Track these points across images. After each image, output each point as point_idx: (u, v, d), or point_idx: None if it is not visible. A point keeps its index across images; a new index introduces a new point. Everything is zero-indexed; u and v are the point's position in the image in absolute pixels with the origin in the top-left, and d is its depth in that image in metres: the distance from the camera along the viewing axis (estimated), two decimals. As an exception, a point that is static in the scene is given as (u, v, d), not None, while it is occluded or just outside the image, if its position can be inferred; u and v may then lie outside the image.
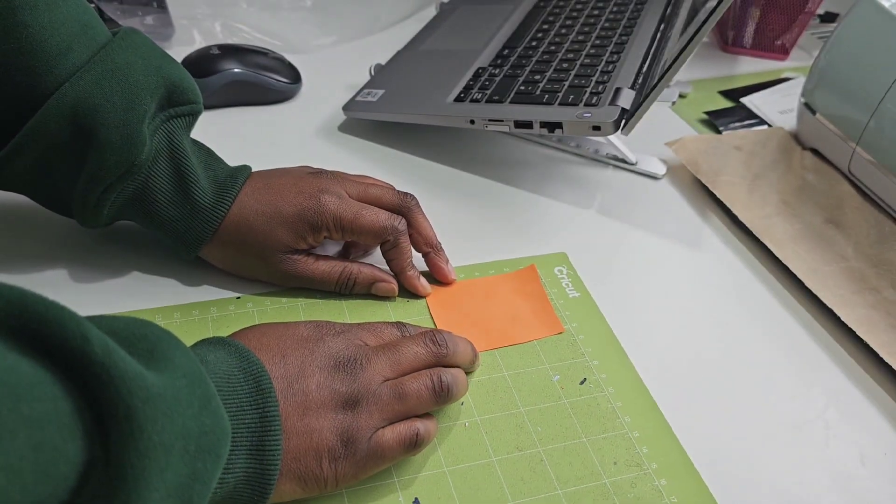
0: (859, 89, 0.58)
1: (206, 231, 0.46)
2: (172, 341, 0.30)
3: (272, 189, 0.47)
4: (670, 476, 0.40)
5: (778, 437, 0.43)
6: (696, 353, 0.48)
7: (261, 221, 0.46)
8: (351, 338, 0.39)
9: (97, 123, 0.42)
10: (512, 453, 0.41)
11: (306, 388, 0.36)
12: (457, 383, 0.40)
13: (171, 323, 0.45)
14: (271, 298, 0.48)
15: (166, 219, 0.45)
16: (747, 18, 0.81)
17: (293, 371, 0.36)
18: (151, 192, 0.44)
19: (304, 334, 0.38)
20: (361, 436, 0.36)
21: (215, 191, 0.46)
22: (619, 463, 0.40)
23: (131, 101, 0.42)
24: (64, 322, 0.25)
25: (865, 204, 0.59)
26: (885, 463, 0.42)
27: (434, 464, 0.40)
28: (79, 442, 0.24)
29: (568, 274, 0.52)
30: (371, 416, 0.37)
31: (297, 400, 0.35)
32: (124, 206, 0.45)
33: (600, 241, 0.56)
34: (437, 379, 0.39)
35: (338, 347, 0.38)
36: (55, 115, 0.41)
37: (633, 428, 0.42)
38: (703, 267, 0.55)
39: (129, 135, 0.42)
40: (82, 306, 0.45)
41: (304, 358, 0.37)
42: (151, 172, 0.44)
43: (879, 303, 0.51)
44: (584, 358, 0.46)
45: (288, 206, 0.46)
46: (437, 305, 0.49)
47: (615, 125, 0.55)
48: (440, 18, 0.82)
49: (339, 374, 0.37)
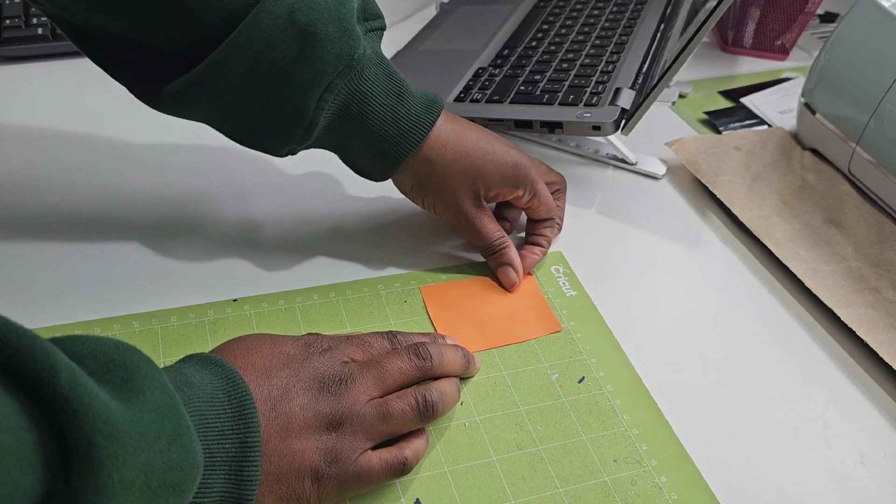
0: (859, 89, 0.58)
1: (416, 139, 0.47)
2: (149, 371, 0.30)
3: (477, 128, 0.50)
4: (670, 473, 0.40)
5: (778, 437, 0.43)
6: (696, 352, 0.48)
7: (469, 144, 0.48)
8: (338, 355, 0.39)
9: (314, 19, 0.42)
10: (512, 452, 0.41)
11: (290, 409, 0.36)
12: (443, 399, 0.40)
13: (169, 326, 0.45)
14: (268, 301, 0.48)
15: (378, 123, 0.46)
16: (747, 18, 0.81)
17: (277, 393, 0.36)
18: (363, 95, 0.45)
19: (291, 353, 0.38)
20: (346, 457, 0.36)
21: (422, 100, 0.47)
22: (619, 460, 0.41)
23: (340, 0, 0.43)
24: (34, 352, 0.24)
25: (865, 204, 0.59)
26: (885, 463, 0.42)
27: (435, 464, 0.40)
28: (38, 475, 0.24)
29: (564, 273, 0.53)
30: (356, 436, 0.37)
31: (280, 422, 0.35)
32: (338, 113, 0.45)
33: (600, 240, 0.56)
34: (422, 398, 0.39)
35: (324, 367, 0.38)
36: (271, 14, 0.41)
37: (633, 425, 0.43)
38: (702, 266, 0.55)
39: (346, 28, 0.43)
40: (77, 310, 0.45)
41: (289, 379, 0.37)
42: (364, 74, 0.45)
43: (879, 302, 0.51)
44: (581, 356, 0.46)
45: (500, 147, 0.49)
46: (434, 307, 0.49)
47: (615, 125, 0.55)
48: (440, 19, 0.82)
49: (324, 394, 0.37)
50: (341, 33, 0.43)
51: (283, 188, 0.58)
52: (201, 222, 0.54)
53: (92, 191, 0.56)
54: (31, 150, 0.60)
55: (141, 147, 0.61)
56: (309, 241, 0.53)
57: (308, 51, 0.42)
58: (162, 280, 0.49)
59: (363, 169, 0.49)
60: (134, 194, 0.56)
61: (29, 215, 0.53)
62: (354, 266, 0.51)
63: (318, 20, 0.42)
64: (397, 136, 0.46)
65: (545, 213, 0.52)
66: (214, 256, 0.51)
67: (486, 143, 0.49)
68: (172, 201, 0.55)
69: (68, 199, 0.55)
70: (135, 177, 0.58)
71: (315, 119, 0.44)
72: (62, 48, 0.72)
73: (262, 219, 0.55)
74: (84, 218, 0.53)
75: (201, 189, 0.57)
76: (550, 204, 0.51)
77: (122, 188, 0.56)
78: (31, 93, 0.68)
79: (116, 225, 0.53)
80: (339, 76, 0.43)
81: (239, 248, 0.52)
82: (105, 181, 0.57)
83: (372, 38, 0.46)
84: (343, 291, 0.49)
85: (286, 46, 0.42)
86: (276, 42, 0.42)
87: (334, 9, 0.43)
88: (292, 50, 0.42)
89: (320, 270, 0.51)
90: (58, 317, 0.45)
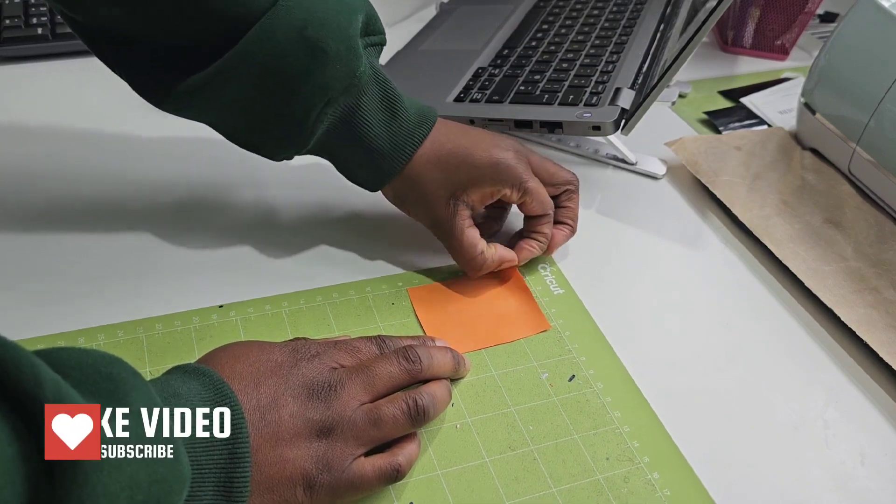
0: (859, 89, 0.58)
1: (407, 151, 0.47)
2: (136, 383, 0.29)
3: (466, 132, 0.50)
4: (662, 469, 0.40)
5: (777, 437, 0.43)
6: (695, 352, 0.48)
7: (445, 152, 0.48)
8: (326, 360, 0.39)
9: (325, 35, 0.43)
10: (505, 453, 0.41)
11: (279, 418, 0.35)
12: (434, 403, 0.40)
13: (154, 335, 0.45)
14: (254, 306, 0.47)
15: (373, 137, 0.47)
16: (747, 18, 0.81)
17: (266, 401, 0.36)
18: (362, 111, 0.46)
19: (279, 360, 0.38)
20: (338, 464, 0.36)
21: (416, 115, 0.48)
22: (612, 458, 0.41)
23: (349, 18, 0.45)
24: (20, 364, 0.24)
25: (865, 204, 0.59)
26: (885, 463, 0.42)
27: (427, 467, 0.40)
28: (18, 488, 0.24)
29: (552, 271, 0.53)
30: (347, 443, 0.36)
31: (269, 431, 0.35)
32: (336, 126, 0.46)
33: (599, 240, 0.56)
34: (413, 403, 0.38)
35: (312, 374, 0.38)
36: (284, 25, 0.42)
37: (624, 423, 0.43)
38: (702, 266, 0.55)
39: (352, 48, 0.44)
40: (60, 321, 0.45)
41: (278, 387, 0.36)
42: (363, 91, 0.46)
43: (879, 302, 0.51)
44: (571, 354, 0.46)
45: (480, 149, 0.48)
46: (422, 308, 0.49)
47: (615, 125, 0.55)
48: (440, 18, 0.82)
49: (313, 401, 0.37)
50: (348, 52, 0.44)
51: (266, 194, 0.58)
52: (184, 230, 0.53)
53: (86, 197, 0.56)
54: (30, 150, 0.60)
55: (137, 151, 0.61)
56: (295, 245, 0.53)
57: (316, 66, 0.43)
58: (145, 288, 0.48)
59: (356, 178, 0.50)
60: (120, 202, 0.56)
61: (26, 218, 0.53)
62: (341, 269, 0.51)
63: (328, 37, 0.43)
64: (391, 151, 0.47)
65: (539, 210, 0.51)
66: (198, 263, 0.51)
67: (465, 148, 0.48)
68: (155, 209, 0.55)
69: (66, 203, 0.55)
70: (124, 184, 0.58)
71: (314, 130, 0.46)
72: (62, 48, 0.72)
73: (246, 225, 0.54)
74: (71, 226, 0.53)
75: (184, 196, 0.57)
76: (544, 200, 0.50)
77: (114, 195, 0.56)
78: (30, 93, 0.68)
79: (100, 234, 0.52)
80: (342, 93, 0.45)
81: (223, 254, 0.52)
82: (101, 187, 0.57)
83: (371, 53, 0.47)
84: (329, 295, 0.49)
85: (296, 59, 0.43)
86: (286, 54, 0.43)
87: (344, 27, 0.44)
88: (301, 63, 0.43)
89: (306, 274, 0.50)
90: (42, 327, 0.44)
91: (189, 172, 0.59)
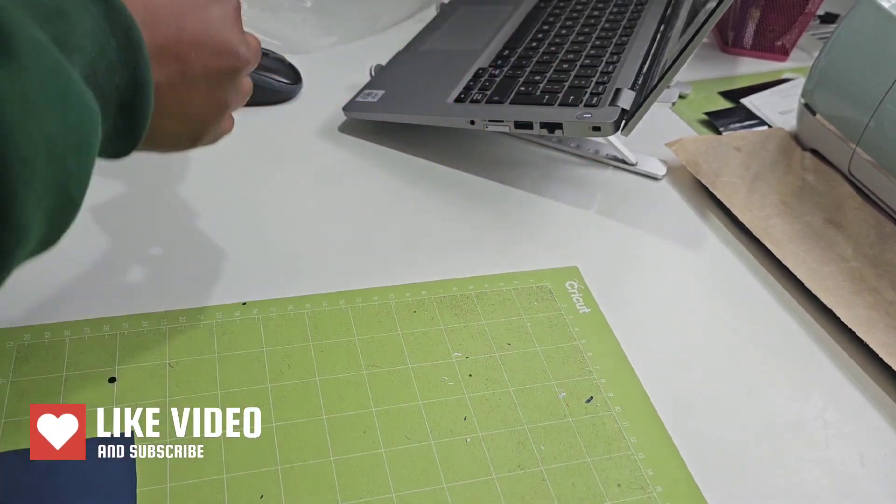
0: (859, 90, 0.58)
1: None
2: (20, 31, 0.25)
3: None
4: (675, 500, 0.39)
5: (777, 438, 0.43)
6: (697, 356, 0.48)
7: None
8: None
9: None
10: (513, 471, 0.40)
11: (184, 23, 0.34)
12: None
13: (177, 327, 0.45)
14: (277, 305, 0.47)
15: None
16: (747, 19, 0.81)
17: (165, 13, 0.34)
18: None
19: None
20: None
21: None
22: (623, 485, 0.39)
23: None
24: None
25: (865, 205, 0.59)
26: (884, 463, 0.42)
27: (433, 479, 0.39)
28: None
29: (579, 289, 0.51)
30: None
31: (170, 32, 0.33)
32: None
33: (600, 243, 0.56)
34: None
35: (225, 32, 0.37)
36: None
37: (639, 449, 0.41)
38: (702, 267, 0.55)
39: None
40: (97, 305, 0.45)
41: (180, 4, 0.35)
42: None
43: (879, 303, 0.51)
44: (591, 375, 0.45)
45: None
46: None
47: (615, 126, 0.55)
48: (440, 19, 0.82)
49: None
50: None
51: (296, 194, 0.57)
52: (210, 226, 0.53)
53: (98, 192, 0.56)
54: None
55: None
56: (320, 247, 0.53)
57: None
58: (171, 281, 0.48)
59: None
60: (140, 196, 0.56)
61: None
62: (365, 274, 0.51)
63: None
64: None
65: None
66: (225, 259, 0.51)
67: None
68: (182, 204, 0.55)
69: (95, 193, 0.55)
70: (143, 178, 0.57)
71: None
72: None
73: (273, 223, 0.54)
74: (88, 219, 0.53)
75: (211, 191, 0.56)
76: None
77: (128, 189, 0.56)
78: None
79: (121, 227, 0.52)
80: None
81: (250, 252, 0.51)
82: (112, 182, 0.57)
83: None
84: (353, 299, 0.49)
85: None
86: None
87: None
88: None
89: (331, 277, 0.50)
90: (69, 313, 0.45)
91: (230, 167, 0.58)
